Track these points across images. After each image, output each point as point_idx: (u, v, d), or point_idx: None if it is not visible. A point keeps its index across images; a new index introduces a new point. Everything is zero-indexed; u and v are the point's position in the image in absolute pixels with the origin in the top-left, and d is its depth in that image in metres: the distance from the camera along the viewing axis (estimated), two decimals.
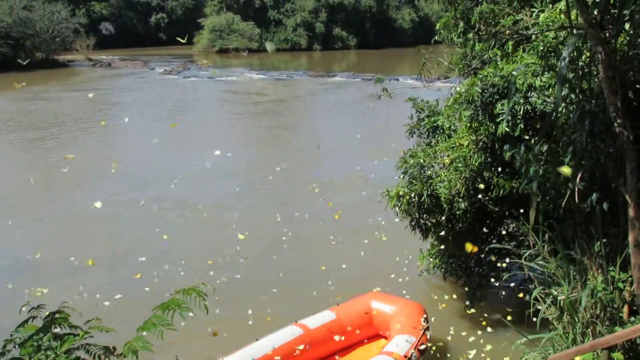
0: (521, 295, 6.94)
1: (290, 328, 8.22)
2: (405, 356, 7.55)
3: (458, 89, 8.69)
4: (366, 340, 8.75)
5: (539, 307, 6.00)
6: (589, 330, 5.66)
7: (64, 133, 24.41)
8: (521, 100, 7.41)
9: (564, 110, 5.68)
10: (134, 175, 17.44)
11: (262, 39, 69.11)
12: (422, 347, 7.89)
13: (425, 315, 8.47)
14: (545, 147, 5.73)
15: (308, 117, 28.91)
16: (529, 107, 7.42)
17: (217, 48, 67.70)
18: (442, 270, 10.11)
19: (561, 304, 5.78)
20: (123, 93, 36.41)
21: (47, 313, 2.97)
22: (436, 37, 9.50)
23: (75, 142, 22.65)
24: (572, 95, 5.52)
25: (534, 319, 5.98)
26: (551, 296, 5.93)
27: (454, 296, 9.33)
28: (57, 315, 2.89)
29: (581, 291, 5.57)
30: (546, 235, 6.21)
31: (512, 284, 8.23)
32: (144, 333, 2.58)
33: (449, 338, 8.59)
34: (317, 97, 34.16)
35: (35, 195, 15.67)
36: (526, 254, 6.31)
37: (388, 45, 70.04)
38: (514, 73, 6.33)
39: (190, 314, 2.61)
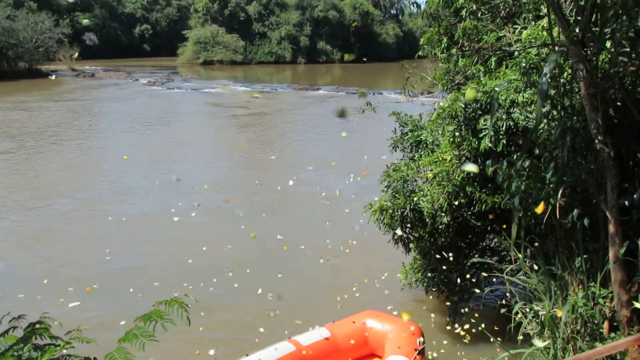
0: (503, 310, 6.96)
1: (282, 344, 8.01)
2: None
3: (441, 104, 8.75)
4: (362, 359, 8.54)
5: (521, 322, 6.02)
6: (570, 345, 5.68)
7: (40, 144, 24.22)
8: (504, 116, 7.48)
9: (545, 126, 5.73)
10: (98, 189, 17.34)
11: (247, 51, 69.22)
12: None
13: (421, 337, 8.26)
14: (527, 163, 5.77)
15: (290, 131, 28.92)
16: (511, 123, 7.49)
17: (202, 60, 67.70)
18: (425, 284, 10.11)
19: (542, 319, 5.80)
20: (105, 103, 36.24)
21: (27, 324, 2.94)
22: (420, 52, 9.57)
23: (50, 153, 22.48)
24: (554, 112, 5.57)
25: (517, 335, 6.00)
26: (532, 311, 5.95)
27: (436, 310, 9.34)
28: (37, 326, 2.86)
29: (562, 306, 5.60)
30: (528, 250, 6.24)
31: (494, 299, 8.25)
32: (126, 344, 2.56)
33: (433, 353, 8.57)
34: (301, 110, 34.21)
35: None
36: (508, 269, 6.33)
37: (372, 60, 70.46)
38: (497, 89, 6.38)
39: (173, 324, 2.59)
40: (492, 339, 6.50)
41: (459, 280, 9.84)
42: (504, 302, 7.02)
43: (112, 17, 78.54)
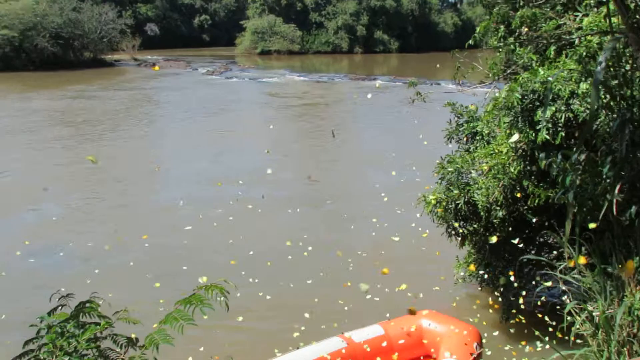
0: (557, 309, 6.73)
1: (334, 339, 7.91)
2: None
3: (497, 94, 8.53)
4: None
5: (574, 322, 5.81)
6: (625, 349, 5.44)
7: (102, 130, 24.81)
8: (562, 108, 7.22)
9: (603, 118, 5.49)
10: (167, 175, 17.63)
11: (304, 41, 69.32)
12: None
13: (478, 341, 8.00)
14: (583, 156, 5.54)
15: (346, 120, 28.83)
16: (570, 115, 7.22)
17: (259, 50, 68.13)
18: (478, 279, 9.93)
19: (596, 320, 5.58)
20: (165, 92, 36.88)
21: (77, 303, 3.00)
22: (470, 42, 9.33)
23: (107, 139, 22.98)
24: (612, 103, 5.33)
25: (570, 335, 5.80)
26: (586, 311, 5.73)
27: (489, 306, 9.12)
28: (87, 305, 2.92)
29: (618, 308, 5.37)
30: (582, 248, 6.02)
31: (550, 297, 8.01)
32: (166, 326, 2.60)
33: (487, 351, 8.35)
34: (357, 100, 34.06)
35: (69, 188, 15.93)
36: (561, 267, 6.12)
37: (430, 49, 69.47)
38: (550, 79, 6.15)
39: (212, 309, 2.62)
40: (543, 339, 6.31)
41: (512, 277, 9.62)
42: (559, 300, 6.79)
43: (172, 8, 79.80)
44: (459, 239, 9.42)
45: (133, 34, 62.04)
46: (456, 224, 9.21)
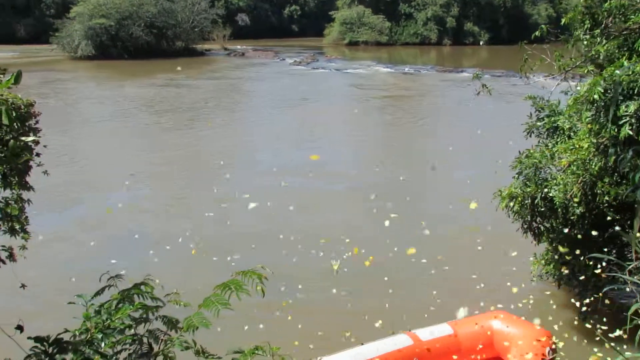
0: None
1: (400, 337, 7.89)
2: None
3: (579, 88, 8.29)
4: None
5: None
6: None
7: (189, 117, 25.52)
8: None
9: None
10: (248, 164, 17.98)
11: (392, 32, 68.79)
12: None
13: (552, 346, 7.81)
14: None
15: (429, 114, 28.50)
16: None
17: (347, 41, 68.06)
18: (555, 277, 9.69)
19: None
20: (252, 82, 37.54)
21: (133, 284, 3.10)
22: (537, 33, 9.06)
23: (193, 127, 23.62)
24: None
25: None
26: None
27: (566, 305, 8.89)
28: (142, 287, 3.03)
29: None
30: None
31: (629, 298, 7.72)
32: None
33: (561, 352, 8.12)
34: (442, 92, 33.61)
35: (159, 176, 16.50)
36: (630, 267, 5.89)
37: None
38: (617, 72, 5.92)
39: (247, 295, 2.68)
40: (606, 341, 6.09)
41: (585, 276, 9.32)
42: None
43: None
44: (534, 235, 9.23)
45: (224, 24, 63.26)
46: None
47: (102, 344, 2.56)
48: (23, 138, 3.50)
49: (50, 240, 11.98)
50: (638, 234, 4.85)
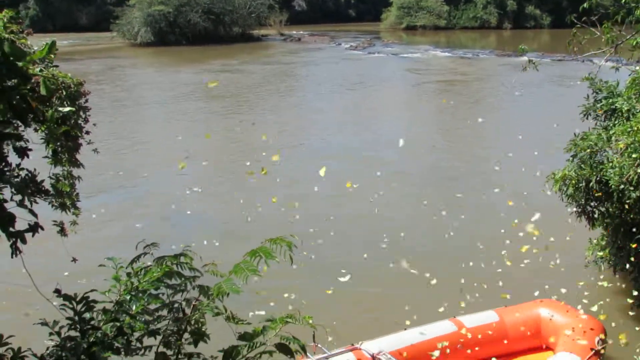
0: None
1: (444, 323, 7.82)
2: None
3: (638, 68, 8.03)
4: (529, 351, 8.00)
5: None
6: None
7: (243, 102, 25.77)
8: None
9: None
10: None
11: (451, 16, 67.74)
12: None
13: (602, 336, 7.59)
14: None
15: (487, 97, 28.02)
16: None
17: (404, 25, 67.36)
18: (611, 263, 9.44)
19: None
20: (308, 67, 37.60)
21: (173, 255, 3.15)
22: (585, 5, 8.74)
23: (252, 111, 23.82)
24: None
25: None
26: None
27: (622, 292, 8.64)
28: (181, 259, 3.09)
29: None
30: None
31: None
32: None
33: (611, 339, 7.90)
34: (500, 77, 32.97)
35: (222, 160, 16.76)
36: None
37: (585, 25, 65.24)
38: None
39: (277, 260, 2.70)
40: None
41: None
42: None
43: None
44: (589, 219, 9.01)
45: (280, 9, 63.39)
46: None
47: (133, 307, 2.62)
48: (60, 109, 3.60)
49: (104, 218, 12.34)
50: None
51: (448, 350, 7.42)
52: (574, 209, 9.07)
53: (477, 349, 7.66)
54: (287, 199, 12.71)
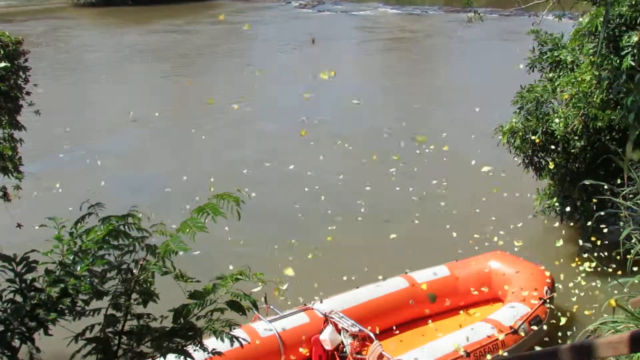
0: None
1: (396, 279, 7.94)
2: (511, 327, 7.06)
3: (581, 19, 8.14)
4: (481, 303, 8.18)
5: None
6: None
7: (191, 64, 25.31)
8: None
9: None
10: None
11: None
12: (535, 320, 7.27)
13: (549, 286, 7.76)
14: None
15: (434, 54, 28.14)
16: None
17: None
18: (558, 212, 9.66)
19: None
20: (257, 26, 36.97)
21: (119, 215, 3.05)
22: None
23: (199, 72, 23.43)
24: None
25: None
26: None
27: (568, 240, 8.82)
28: (129, 219, 3.00)
29: None
30: None
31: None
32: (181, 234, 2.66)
33: (559, 285, 8.10)
34: (447, 33, 33.03)
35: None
36: (624, 192, 5.87)
37: None
38: None
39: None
40: (601, 265, 6.11)
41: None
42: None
43: None
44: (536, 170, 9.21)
45: None
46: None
47: (77, 268, 2.57)
48: None
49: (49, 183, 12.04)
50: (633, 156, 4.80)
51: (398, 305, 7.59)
52: (522, 160, 9.25)
53: (429, 303, 7.81)
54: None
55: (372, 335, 6.84)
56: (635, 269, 5.61)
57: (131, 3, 47.21)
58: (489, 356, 6.69)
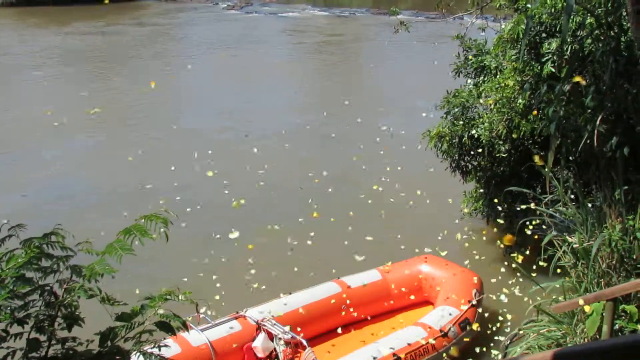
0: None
1: (328, 284, 7.92)
2: (440, 330, 7.13)
3: (503, 26, 8.35)
4: (412, 307, 8.22)
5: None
6: (603, 280, 5.38)
7: (113, 67, 24.73)
8: (569, 39, 7.04)
9: (592, 48, 5.34)
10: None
11: None
12: (465, 323, 7.34)
13: (478, 288, 7.85)
14: (568, 87, 5.40)
15: (361, 56, 28.42)
16: (576, 47, 7.04)
17: None
18: (484, 214, 9.91)
19: (576, 252, 5.55)
20: (183, 28, 36.51)
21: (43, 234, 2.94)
22: None
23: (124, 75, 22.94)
24: (599, 31, 5.16)
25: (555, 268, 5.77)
26: (566, 243, 5.69)
27: (494, 241, 9.04)
28: (52, 238, 2.89)
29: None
30: (570, 181, 5.95)
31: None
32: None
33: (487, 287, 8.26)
34: (374, 36, 33.45)
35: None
36: (546, 199, 6.07)
37: None
38: (529, 6, 5.98)
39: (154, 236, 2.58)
40: (522, 271, 6.29)
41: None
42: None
43: None
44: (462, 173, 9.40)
45: None
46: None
47: None
48: None
49: None
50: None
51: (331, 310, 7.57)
52: (449, 164, 9.42)
53: (361, 308, 7.85)
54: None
55: (304, 341, 6.81)
56: (559, 271, 5.80)
57: (52, 3, 45.72)
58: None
